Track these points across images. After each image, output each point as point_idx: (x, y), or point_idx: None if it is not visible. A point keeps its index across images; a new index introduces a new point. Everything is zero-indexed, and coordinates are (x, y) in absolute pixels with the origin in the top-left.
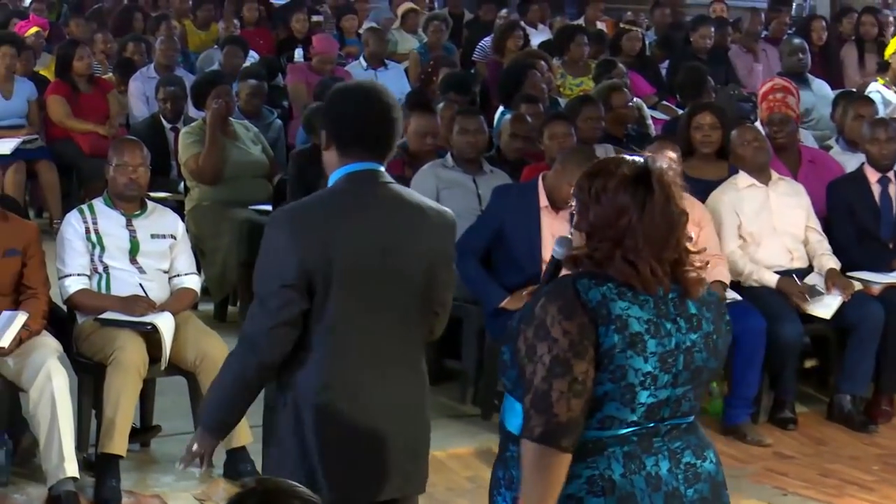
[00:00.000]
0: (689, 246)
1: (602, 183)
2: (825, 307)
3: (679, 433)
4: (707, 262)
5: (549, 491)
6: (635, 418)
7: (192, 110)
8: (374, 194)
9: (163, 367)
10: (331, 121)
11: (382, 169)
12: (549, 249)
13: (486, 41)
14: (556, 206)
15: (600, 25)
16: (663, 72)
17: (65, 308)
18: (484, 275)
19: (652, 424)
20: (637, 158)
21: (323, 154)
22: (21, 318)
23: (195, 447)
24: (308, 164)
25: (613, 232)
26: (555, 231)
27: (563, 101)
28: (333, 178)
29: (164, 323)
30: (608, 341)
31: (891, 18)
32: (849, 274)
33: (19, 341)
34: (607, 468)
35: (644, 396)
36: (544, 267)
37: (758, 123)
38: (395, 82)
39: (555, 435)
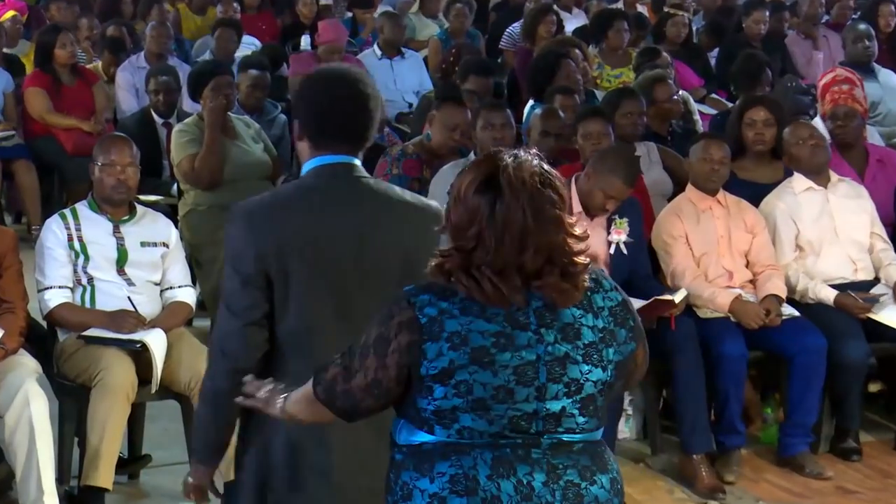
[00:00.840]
0: (570, 245)
1: (459, 183)
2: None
3: (566, 451)
4: (588, 264)
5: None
6: (495, 430)
7: (186, 104)
8: (343, 188)
9: (153, 390)
10: (303, 109)
11: (357, 162)
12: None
13: (515, 27)
14: (591, 212)
15: (641, 9)
16: (712, 61)
17: (44, 324)
18: None
19: (521, 438)
20: (501, 154)
21: (297, 145)
22: None
23: (190, 480)
24: None
25: (464, 241)
26: (589, 240)
27: (600, 95)
28: (304, 170)
29: (155, 341)
30: (443, 359)
31: None
32: None
33: None
34: (472, 468)
35: (501, 409)
36: None
37: (817, 119)
38: (412, 73)
39: (317, 382)
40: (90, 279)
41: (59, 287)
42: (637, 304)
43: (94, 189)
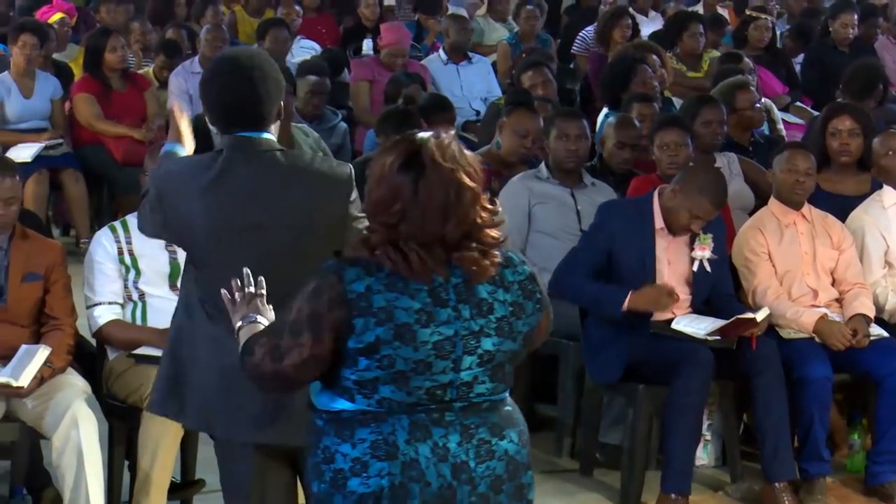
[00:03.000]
0: (484, 219)
1: (380, 163)
2: None
3: (476, 411)
4: (503, 240)
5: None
6: (413, 401)
7: None
8: (242, 158)
9: None
10: (202, 94)
11: (264, 136)
12: (663, 277)
13: (589, 31)
14: (674, 230)
15: (722, 12)
16: (797, 67)
17: (94, 342)
18: (595, 285)
19: (435, 405)
20: (420, 135)
21: None
22: (43, 353)
23: None
24: None
25: (387, 217)
26: (670, 257)
27: (678, 102)
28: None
29: None
30: (370, 335)
31: None
32: None
33: (40, 380)
34: (391, 434)
35: (419, 381)
36: None
37: None
38: (480, 78)
39: (243, 361)
40: (141, 295)
41: (109, 303)
42: (717, 323)
43: None
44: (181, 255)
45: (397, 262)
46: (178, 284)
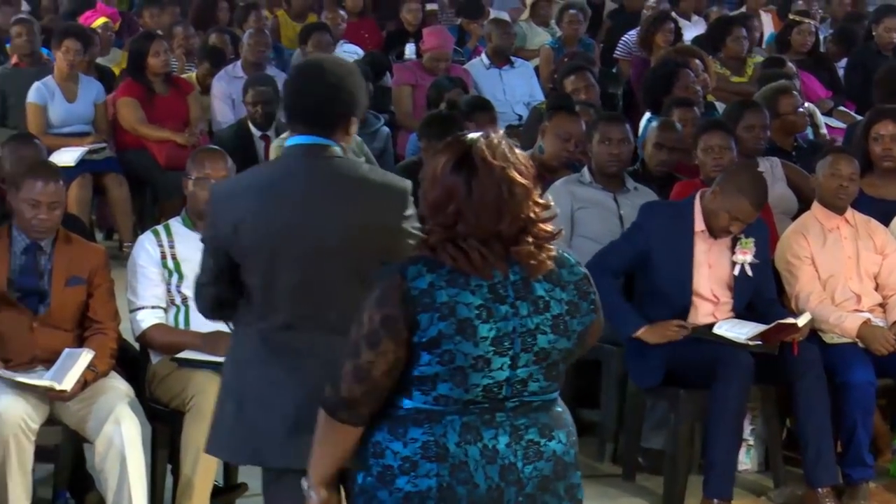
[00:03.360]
0: (538, 214)
1: (432, 165)
2: None
3: (527, 410)
4: (557, 233)
5: (324, 452)
6: (470, 398)
7: (284, 115)
8: (301, 167)
9: None
10: (283, 91)
11: (327, 142)
12: (702, 280)
13: (631, 35)
14: (714, 233)
15: (765, 16)
16: (840, 72)
17: (137, 346)
18: (618, 297)
19: (489, 403)
20: (470, 136)
21: None
22: (86, 357)
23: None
24: (417, 181)
25: (444, 217)
26: (710, 260)
27: (720, 106)
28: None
29: None
30: (433, 329)
31: None
32: None
33: (83, 384)
34: (443, 436)
35: (477, 378)
36: (694, 299)
37: None
38: (522, 83)
39: (334, 407)
40: (184, 299)
41: (152, 307)
42: (759, 328)
43: (188, 204)
44: None
45: (458, 258)
46: None
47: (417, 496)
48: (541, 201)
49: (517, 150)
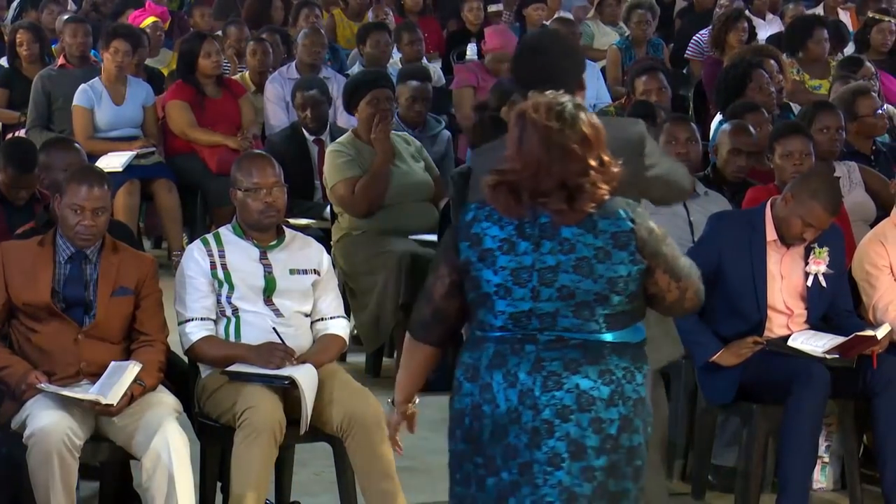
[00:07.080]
0: (591, 176)
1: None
2: None
3: (562, 346)
4: (603, 193)
5: (406, 372)
6: (500, 324)
7: (341, 118)
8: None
9: (302, 431)
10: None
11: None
12: (775, 292)
13: (703, 34)
14: (787, 241)
15: (843, 15)
16: None
17: (185, 359)
18: (692, 321)
19: (522, 333)
20: (531, 98)
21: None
22: (133, 370)
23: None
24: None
25: (510, 163)
26: (784, 271)
27: (797, 109)
28: None
29: (305, 377)
30: (464, 255)
31: None
32: None
33: (130, 398)
34: (478, 359)
35: (502, 305)
36: (769, 314)
37: None
38: (589, 84)
39: (412, 326)
40: (235, 310)
41: (202, 319)
42: (836, 340)
43: (239, 215)
44: (276, 269)
45: (496, 200)
46: (273, 299)
47: (460, 413)
48: (594, 164)
49: (581, 114)
